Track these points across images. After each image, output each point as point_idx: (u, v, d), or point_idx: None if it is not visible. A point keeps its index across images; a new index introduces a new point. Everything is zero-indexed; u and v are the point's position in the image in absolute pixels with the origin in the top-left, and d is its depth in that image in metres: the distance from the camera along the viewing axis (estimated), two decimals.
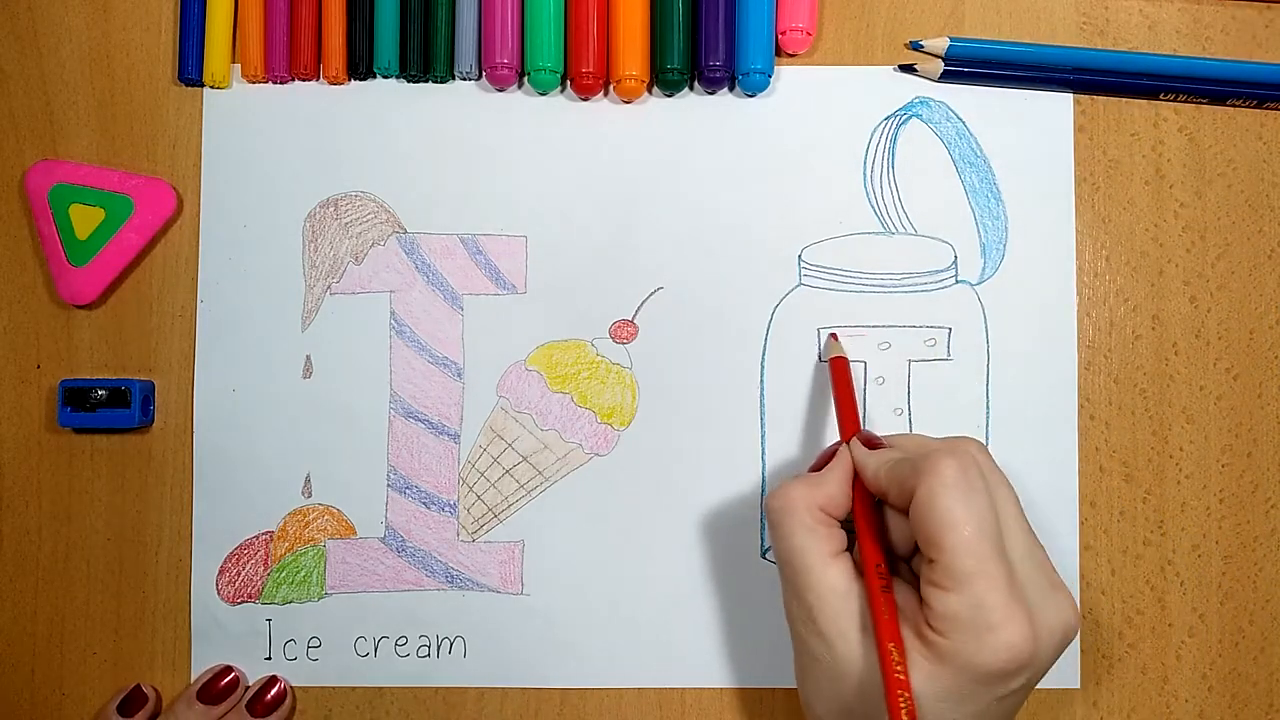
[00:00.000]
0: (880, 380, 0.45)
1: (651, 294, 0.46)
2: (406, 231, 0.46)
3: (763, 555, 0.45)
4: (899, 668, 0.32)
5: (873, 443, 0.38)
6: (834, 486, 0.37)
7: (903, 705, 0.31)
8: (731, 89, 0.46)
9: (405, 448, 0.45)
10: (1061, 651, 0.34)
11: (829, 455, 0.39)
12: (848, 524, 0.37)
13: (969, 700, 0.32)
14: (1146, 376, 0.45)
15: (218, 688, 0.44)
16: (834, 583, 0.35)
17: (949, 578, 0.32)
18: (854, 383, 0.44)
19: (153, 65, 0.46)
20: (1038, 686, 0.35)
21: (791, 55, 0.46)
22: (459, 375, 0.46)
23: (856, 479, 0.37)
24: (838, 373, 0.43)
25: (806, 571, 0.35)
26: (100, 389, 0.44)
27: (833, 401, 0.43)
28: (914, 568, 0.36)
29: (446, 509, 0.45)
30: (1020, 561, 0.34)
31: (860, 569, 0.36)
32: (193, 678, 0.45)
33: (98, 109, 0.46)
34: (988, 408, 0.45)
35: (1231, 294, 0.46)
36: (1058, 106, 0.46)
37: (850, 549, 0.37)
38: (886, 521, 0.37)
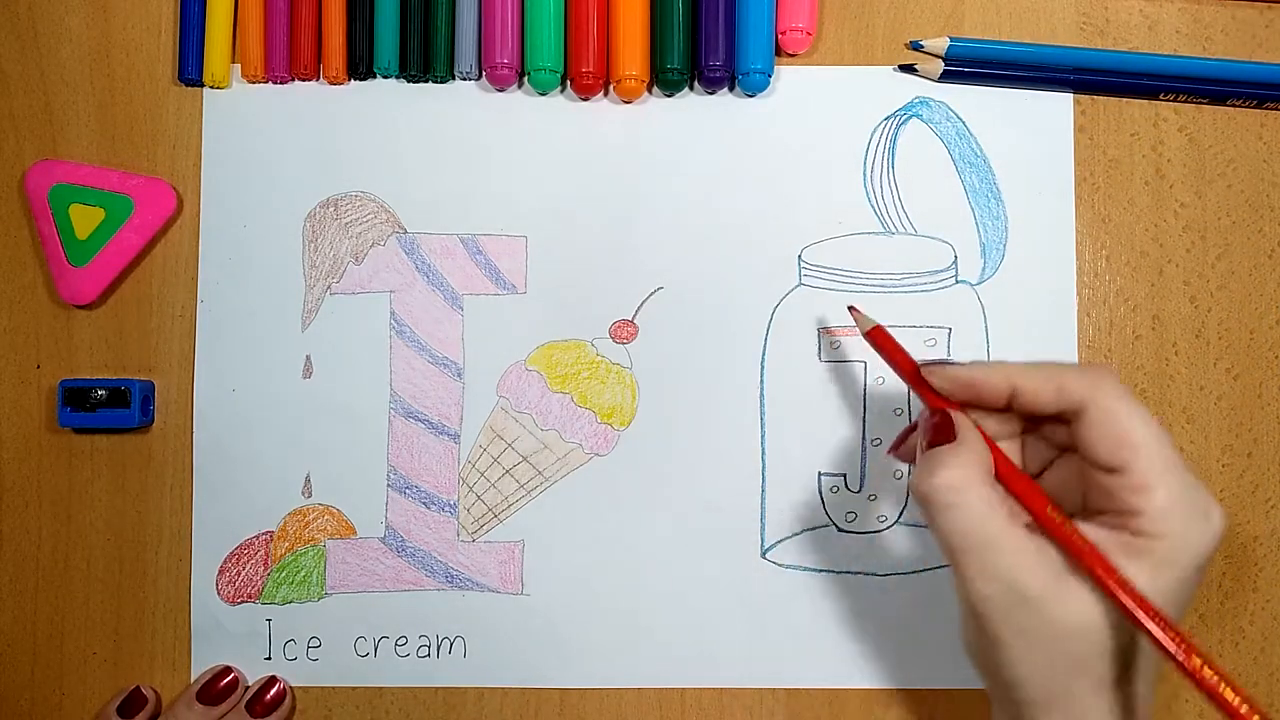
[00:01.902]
0: (880, 380, 0.45)
1: (651, 294, 0.46)
2: (406, 231, 0.46)
3: (763, 555, 0.45)
4: (1134, 595, 0.31)
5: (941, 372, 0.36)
6: (981, 448, 0.35)
7: (1173, 637, 0.31)
8: (731, 89, 0.46)
9: (405, 448, 0.45)
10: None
11: (942, 425, 0.36)
12: None
13: (1185, 598, 0.32)
14: (1146, 376, 0.45)
15: (217, 688, 0.44)
16: (1024, 543, 0.33)
17: (1153, 472, 0.32)
18: (866, 379, 0.43)
19: (153, 65, 0.46)
20: None
21: (791, 55, 0.46)
22: (459, 375, 0.46)
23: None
24: (882, 341, 0.39)
25: (999, 538, 0.33)
26: (100, 389, 0.44)
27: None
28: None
29: (446, 509, 0.45)
30: None
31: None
32: (193, 678, 0.45)
33: (98, 109, 0.46)
34: None
35: (1231, 294, 0.46)
36: (1058, 106, 0.46)
37: None
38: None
